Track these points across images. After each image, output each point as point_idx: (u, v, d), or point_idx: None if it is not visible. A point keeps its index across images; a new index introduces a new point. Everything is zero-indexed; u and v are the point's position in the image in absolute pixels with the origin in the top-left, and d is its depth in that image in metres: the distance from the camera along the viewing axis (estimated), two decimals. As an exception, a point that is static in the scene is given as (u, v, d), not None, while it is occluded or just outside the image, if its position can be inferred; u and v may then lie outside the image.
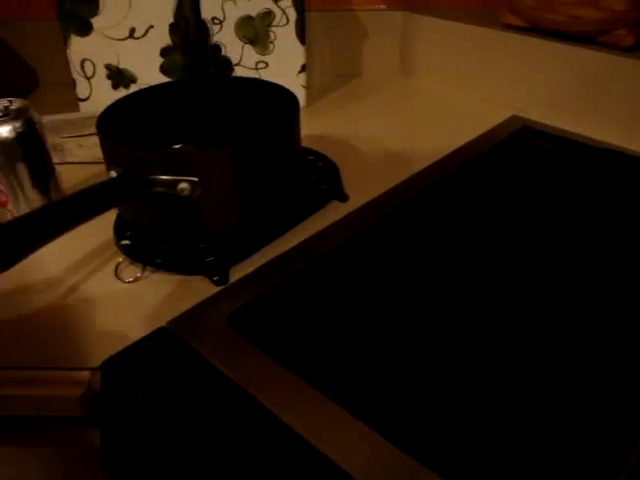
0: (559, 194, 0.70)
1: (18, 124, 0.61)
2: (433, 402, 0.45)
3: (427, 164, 0.75)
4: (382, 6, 0.99)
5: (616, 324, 0.51)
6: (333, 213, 0.66)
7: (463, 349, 0.49)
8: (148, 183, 0.53)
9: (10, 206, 0.64)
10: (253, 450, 0.43)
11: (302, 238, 0.62)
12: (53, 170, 0.67)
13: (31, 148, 0.63)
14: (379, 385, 0.47)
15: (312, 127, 0.82)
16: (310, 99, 0.93)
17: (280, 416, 0.44)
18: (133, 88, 0.87)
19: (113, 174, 0.55)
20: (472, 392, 0.46)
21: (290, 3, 0.83)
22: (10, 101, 0.63)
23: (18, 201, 0.64)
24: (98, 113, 0.62)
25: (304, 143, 0.67)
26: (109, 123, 0.61)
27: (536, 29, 0.86)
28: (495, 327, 0.51)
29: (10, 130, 0.61)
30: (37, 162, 0.64)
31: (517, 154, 0.80)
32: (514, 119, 0.87)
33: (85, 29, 0.83)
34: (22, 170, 0.63)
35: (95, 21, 0.83)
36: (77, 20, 0.83)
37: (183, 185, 0.53)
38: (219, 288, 0.57)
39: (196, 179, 0.53)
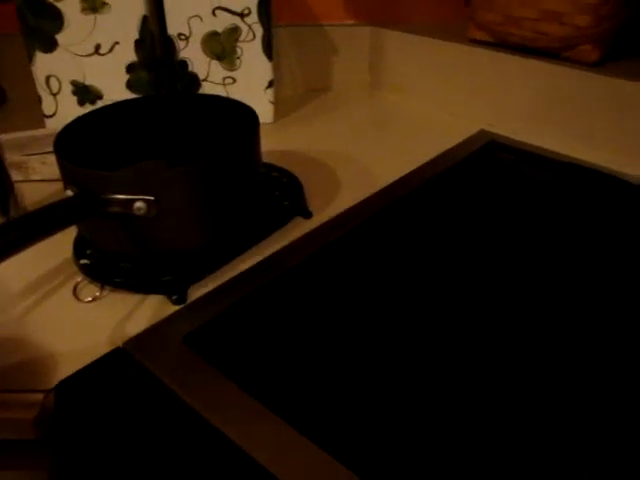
0: (524, 208, 0.70)
1: (-26, 141, 0.61)
2: (391, 430, 0.45)
3: (394, 179, 0.75)
4: (351, 21, 1.00)
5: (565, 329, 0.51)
6: (296, 230, 0.66)
7: (426, 371, 0.49)
8: (103, 203, 0.52)
9: (-33, 225, 0.63)
10: (208, 474, 0.42)
11: (264, 255, 0.62)
12: (12, 188, 0.66)
13: (-13, 165, 0.62)
14: (336, 409, 0.46)
15: (279, 143, 0.82)
16: (279, 114, 0.93)
17: (235, 440, 0.43)
18: (99, 104, 0.87)
19: (69, 193, 0.54)
20: (449, 436, 0.46)
21: (256, 19, 0.83)
22: (-33, 119, 0.62)
23: (-25, 220, 0.63)
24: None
25: (270, 159, 0.67)
26: (69, 141, 0.60)
27: (503, 44, 0.87)
28: (465, 351, 0.51)
29: (-34, 148, 0.60)
30: (-5, 180, 0.63)
31: (483, 168, 0.80)
32: (482, 133, 0.88)
33: (50, 45, 0.83)
34: (-21, 188, 0.62)
35: (60, 37, 0.82)
36: (42, 36, 0.82)
37: (139, 204, 0.52)
38: (178, 307, 0.56)
39: (152, 198, 0.52)
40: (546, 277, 0.58)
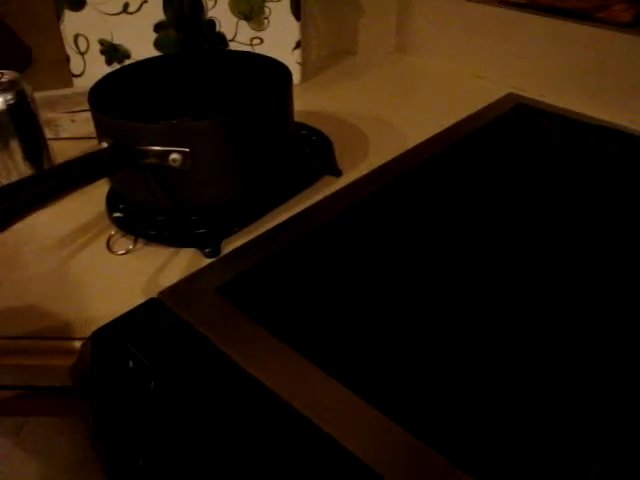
0: (556, 172, 0.70)
1: (9, 96, 0.61)
2: (420, 372, 0.45)
3: (421, 140, 0.75)
4: (378, -17, 0.99)
5: (611, 311, 0.51)
6: (326, 188, 0.66)
7: (457, 327, 0.49)
8: (139, 154, 0.53)
9: (2, 179, 0.64)
10: (243, 420, 0.43)
11: (294, 212, 0.62)
12: (46, 144, 0.67)
13: (23, 121, 0.63)
14: (370, 356, 0.47)
15: (306, 103, 0.82)
16: (305, 76, 0.92)
17: (269, 385, 0.44)
18: (127, 64, 0.86)
19: (104, 145, 0.55)
20: (472, 371, 0.46)
21: (285, -22, 0.83)
22: (2, 73, 0.63)
23: (10, 175, 0.63)
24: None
25: (298, 119, 0.67)
26: (101, 96, 0.60)
27: (532, 5, 0.85)
28: (489, 304, 0.52)
29: (1, 102, 0.60)
30: (29, 136, 0.64)
31: (512, 131, 0.79)
32: (510, 96, 0.87)
33: (79, 3, 0.83)
34: (14, 143, 0.63)
35: (89, -5, 0.82)
36: (70, -6, 0.82)
37: (174, 156, 0.53)
38: (210, 260, 0.57)
39: (187, 150, 0.53)
40: (576, 244, 0.58)
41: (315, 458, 0.40)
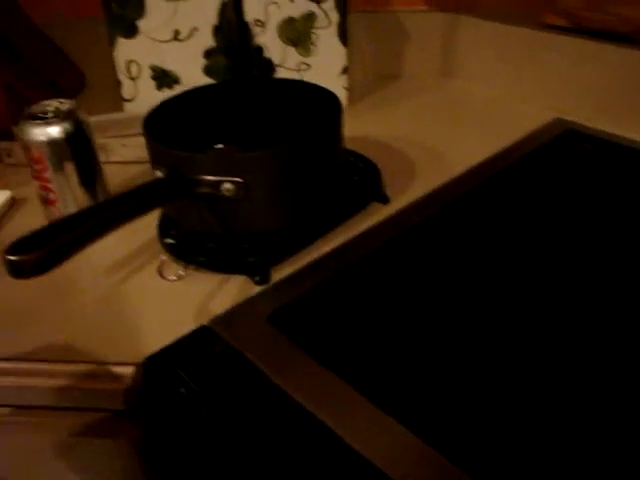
0: (604, 199, 0.69)
1: (68, 125, 0.63)
2: (472, 409, 0.45)
3: (468, 167, 0.75)
4: (423, 7, 0.99)
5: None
6: (374, 215, 0.66)
7: (497, 361, 0.49)
8: (193, 183, 0.54)
9: (59, 204, 0.65)
10: (291, 450, 0.43)
11: (343, 239, 0.62)
12: (100, 169, 0.68)
13: (80, 148, 0.64)
14: (416, 388, 0.46)
15: (352, 128, 0.82)
16: (350, 100, 0.93)
17: (319, 415, 0.44)
18: (177, 89, 0.89)
19: (158, 174, 0.56)
20: (503, 400, 0.45)
21: (333, 5, 0.83)
22: (60, 102, 0.65)
23: (66, 200, 0.65)
24: (142, 113, 0.63)
25: (345, 144, 0.67)
26: (154, 124, 0.62)
27: (577, 29, 0.85)
28: (538, 332, 0.51)
29: (60, 131, 0.62)
30: (85, 161, 0.66)
31: (560, 157, 0.79)
32: (557, 122, 0.86)
33: (131, 31, 0.85)
34: (70, 169, 0.64)
35: (141, 23, 0.84)
36: (124, 22, 0.84)
37: (227, 186, 0.54)
38: (260, 288, 0.57)
39: (240, 180, 0.54)
40: (627, 268, 0.57)
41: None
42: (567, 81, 0.87)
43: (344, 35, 0.86)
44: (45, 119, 0.62)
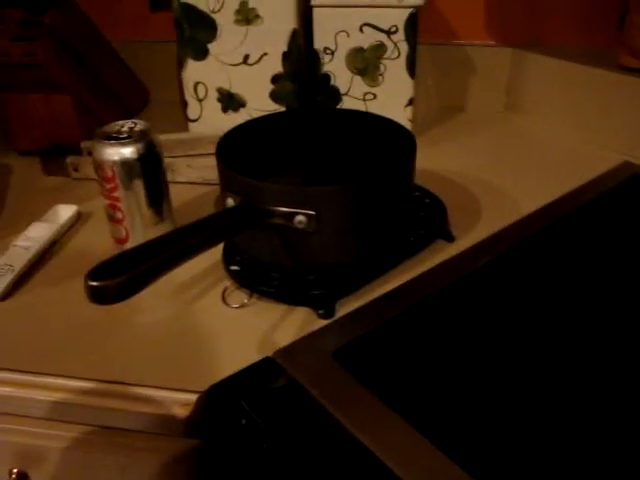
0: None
1: (140, 146, 0.63)
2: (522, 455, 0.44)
3: (533, 208, 0.73)
4: (492, 42, 0.98)
5: None
6: (439, 254, 0.65)
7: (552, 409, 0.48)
8: (266, 213, 0.54)
9: (126, 223, 0.66)
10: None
11: (407, 277, 0.61)
12: (167, 189, 0.69)
13: (150, 169, 0.65)
14: (475, 433, 0.45)
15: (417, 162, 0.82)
16: (413, 132, 0.92)
17: (380, 456, 0.43)
18: (242, 112, 0.89)
19: (230, 202, 0.56)
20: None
21: (403, 37, 0.83)
22: (134, 123, 0.66)
23: (134, 220, 0.66)
24: (207, 134, 0.63)
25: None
26: (225, 150, 0.62)
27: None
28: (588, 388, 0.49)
29: (133, 151, 0.63)
30: (154, 182, 0.66)
31: (630, 202, 0.77)
32: (626, 165, 0.84)
33: (202, 53, 0.86)
34: (140, 190, 0.65)
35: (212, 46, 0.85)
36: (195, 45, 0.86)
37: (300, 218, 0.54)
38: (324, 321, 0.57)
39: (313, 213, 0.53)
40: None
41: None
42: (637, 124, 0.85)
43: (412, 67, 0.85)
44: (119, 139, 0.63)
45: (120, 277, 0.42)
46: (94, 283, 0.41)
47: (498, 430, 0.46)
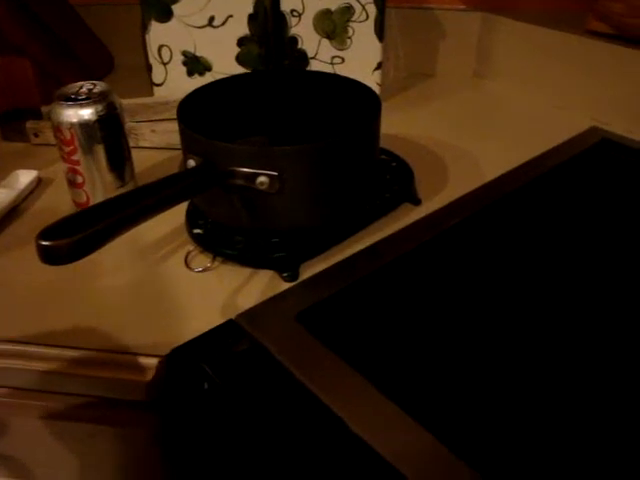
0: (634, 210, 0.67)
1: (100, 107, 0.62)
2: (493, 411, 0.44)
3: (500, 172, 0.73)
4: (462, 6, 0.97)
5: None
6: (405, 216, 0.65)
7: (528, 357, 0.48)
8: (227, 174, 0.53)
9: (86, 187, 0.64)
10: (313, 448, 0.42)
11: (373, 239, 0.61)
12: (129, 155, 0.67)
13: (111, 132, 0.64)
14: (442, 390, 0.45)
15: (384, 126, 0.81)
16: (382, 97, 0.91)
17: (343, 416, 0.43)
18: (207, 76, 0.88)
19: (191, 163, 0.55)
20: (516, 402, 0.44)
21: (371, -1, 0.82)
22: (93, 84, 0.64)
23: (94, 183, 0.64)
24: (172, 98, 0.62)
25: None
26: (187, 111, 0.61)
27: (621, 37, 0.83)
28: (561, 336, 0.50)
29: (92, 113, 0.61)
30: (115, 145, 0.65)
31: (596, 168, 0.77)
32: (593, 130, 0.84)
33: (166, 15, 0.84)
34: (100, 152, 0.63)
35: (176, 8, 0.83)
36: (159, 6, 0.83)
37: (262, 179, 0.53)
38: (288, 284, 0.56)
39: (275, 173, 0.52)
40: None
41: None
42: (607, 89, 0.85)
43: (381, 30, 0.84)
44: (77, 101, 0.61)
45: (72, 237, 0.40)
46: (45, 243, 0.40)
47: (461, 390, 0.46)
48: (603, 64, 0.85)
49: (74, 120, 0.61)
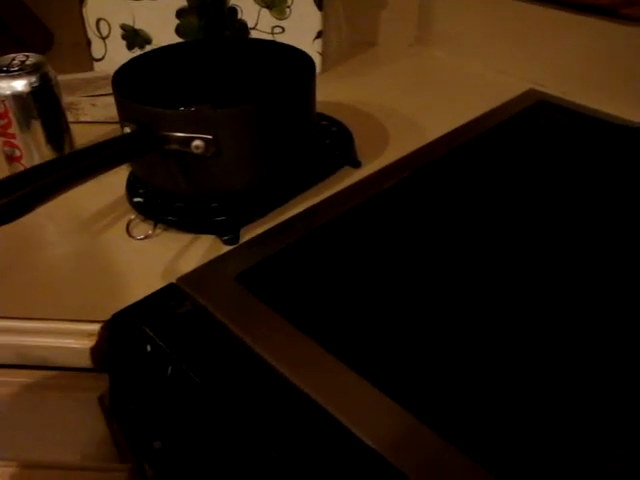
0: (575, 172, 0.69)
1: (34, 79, 0.61)
2: (430, 358, 0.45)
3: (441, 134, 0.75)
4: (401, -26, 0.98)
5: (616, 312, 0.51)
6: (345, 179, 0.66)
7: (468, 323, 0.49)
8: (162, 140, 0.53)
9: (24, 161, 0.64)
10: (257, 407, 0.43)
11: (313, 202, 0.62)
12: (67, 128, 0.67)
13: (46, 104, 0.63)
14: (383, 345, 0.47)
15: (326, 93, 0.82)
16: (325, 66, 0.92)
17: (285, 373, 0.44)
18: (148, 49, 0.87)
19: (127, 130, 0.55)
20: (475, 350, 0.46)
21: (309, -33, 0.82)
22: (26, 56, 0.63)
23: (32, 157, 0.64)
24: (112, 73, 0.61)
25: (318, 109, 0.66)
26: (124, 81, 0.61)
27: (559, 0, 0.85)
28: (497, 294, 0.52)
29: (25, 84, 0.61)
30: (52, 118, 0.64)
31: (532, 128, 0.79)
32: (530, 92, 0.86)
33: (102, -13, 0.83)
34: (37, 126, 0.63)
35: (112, -20, 0.82)
36: (94, -22, 0.82)
37: (197, 143, 0.53)
38: (229, 247, 0.57)
39: (210, 137, 0.53)
40: (596, 246, 0.58)
41: (331, 449, 0.40)
42: (544, 52, 0.87)
43: (320, -1, 0.85)
44: (10, 72, 0.61)
45: (1, 199, 0.40)
46: (-27, 205, 0.40)
47: (399, 341, 0.47)
48: (539, 28, 0.86)
49: (7, 92, 0.61)
